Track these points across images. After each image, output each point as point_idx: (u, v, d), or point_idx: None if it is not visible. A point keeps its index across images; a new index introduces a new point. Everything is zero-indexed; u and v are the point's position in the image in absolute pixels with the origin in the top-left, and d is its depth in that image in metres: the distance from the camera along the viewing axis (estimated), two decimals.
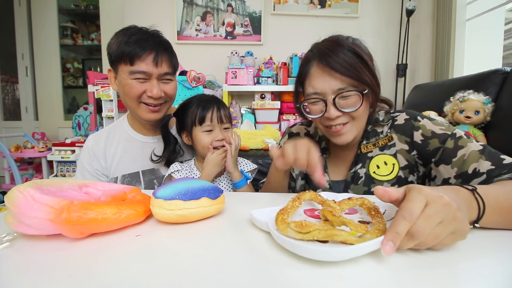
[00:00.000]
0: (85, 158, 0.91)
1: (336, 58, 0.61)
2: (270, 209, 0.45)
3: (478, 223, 0.40)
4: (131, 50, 0.77)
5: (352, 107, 0.62)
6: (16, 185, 0.39)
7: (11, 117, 3.39)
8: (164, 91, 0.83)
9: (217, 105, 0.84)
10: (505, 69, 1.41)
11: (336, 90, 0.62)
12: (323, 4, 2.52)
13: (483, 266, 0.32)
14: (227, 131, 0.86)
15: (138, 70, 0.78)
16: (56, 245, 0.38)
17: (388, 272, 0.30)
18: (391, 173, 0.68)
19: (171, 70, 0.85)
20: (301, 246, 0.32)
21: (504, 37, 1.94)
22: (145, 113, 0.84)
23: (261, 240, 0.38)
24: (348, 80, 0.61)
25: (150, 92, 0.80)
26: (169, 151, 0.88)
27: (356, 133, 0.67)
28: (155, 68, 0.80)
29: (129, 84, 0.80)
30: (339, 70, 0.60)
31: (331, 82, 0.62)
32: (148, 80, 0.81)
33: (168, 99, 0.87)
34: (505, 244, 0.37)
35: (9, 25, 3.11)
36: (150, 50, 0.78)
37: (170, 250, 0.36)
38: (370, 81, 0.62)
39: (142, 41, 0.78)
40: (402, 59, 2.46)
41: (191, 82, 1.94)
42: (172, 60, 0.85)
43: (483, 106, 1.36)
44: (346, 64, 0.60)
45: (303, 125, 0.87)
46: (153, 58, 0.79)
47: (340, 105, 0.62)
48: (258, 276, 0.30)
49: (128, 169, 0.89)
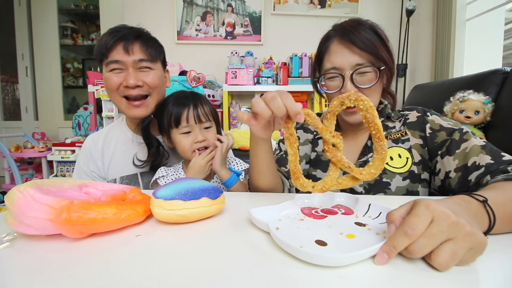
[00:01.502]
0: (82, 159, 0.91)
1: (357, 34, 0.64)
2: (269, 208, 0.45)
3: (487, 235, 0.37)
4: (104, 43, 0.78)
5: (368, 83, 0.64)
6: (16, 185, 0.39)
7: (11, 117, 3.40)
8: (143, 81, 0.80)
9: (194, 103, 0.76)
10: (505, 69, 1.40)
11: (354, 66, 0.64)
12: (323, 4, 2.52)
13: (484, 266, 0.32)
14: (209, 131, 0.79)
15: (111, 60, 0.78)
16: (56, 245, 0.38)
17: (388, 272, 0.30)
18: (404, 166, 0.68)
19: (147, 57, 0.81)
20: (301, 250, 0.32)
21: (504, 37, 1.94)
22: (128, 109, 0.82)
23: (261, 240, 0.38)
24: (367, 56, 0.64)
25: (126, 81, 0.78)
26: (151, 155, 0.83)
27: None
28: (127, 55, 0.78)
29: (107, 78, 0.80)
30: (359, 45, 0.63)
31: (350, 57, 0.64)
32: (124, 70, 0.79)
33: (150, 91, 0.82)
34: (506, 246, 0.37)
35: (9, 25, 3.11)
36: (120, 39, 0.78)
37: (170, 250, 0.36)
38: (387, 59, 0.65)
39: (114, 32, 0.79)
40: (402, 59, 2.46)
41: (191, 82, 1.94)
42: (147, 47, 0.81)
43: (483, 106, 1.36)
44: (366, 40, 0.63)
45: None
46: (123, 45, 0.78)
47: (357, 81, 0.64)
48: (258, 275, 0.30)
49: (126, 171, 0.88)
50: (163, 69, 0.88)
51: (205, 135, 0.77)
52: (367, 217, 0.44)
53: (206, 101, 0.80)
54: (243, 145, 1.88)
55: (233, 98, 2.41)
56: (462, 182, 0.59)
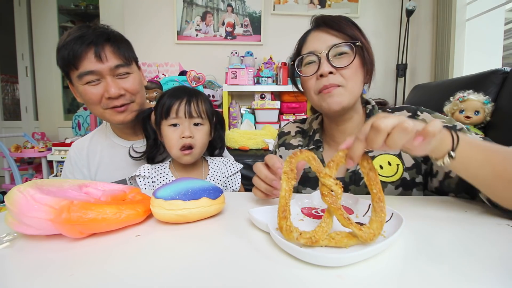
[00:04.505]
0: (68, 167, 0.87)
1: (332, 19, 0.67)
2: (268, 208, 0.45)
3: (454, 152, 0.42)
4: (70, 51, 0.69)
5: (344, 63, 0.64)
6: (16, 185, 0.39)
7: (11, 117, 3.39)
8: (124, 88, 0.75)
9: (189, 97, 0.73)
10: (505, 69, 1.41)
11: (330, 45, 0.64)
12: (323, 4, 2.53)
13: (483, 265, 0.32)
14: (199, 129, 0.74)
15: (84, 71, 0.71)
16: (56, 245, 0.38)
17: (388, 271, 0.30)
18: (395, 174, 0.65)
19: (123, 62, 0.75)
20: (301, 251, 0.32)
21: (504, 37, 1.94)
22: (113, 116, 0.77)
23: (261, 240, 0.38)
24: (343, 35, 0.64)
25: (108, 93, 0.73)
26: (149, 146, 0.79)
27: (348, 99, 0.64)
28: (100, 63, 0.71)
29: (83, 92, 0.73)
30: (334, 27, 0.65)
31: (327, 38, 0.65)
32: (101, 80, 0.73)
33: (133, 98, 0.78)
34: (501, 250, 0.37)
35: (9, 25, 3.11)
36: (88, 45, 0.70)
37: (170, 250, 0.36)
38: (362, 43, 0.65)
39: (79, 38, 0.70)
40: (402, 59, 2.46)
41: (191, 82, 1.94)
42: (120, 50, 0.74)
43: (483, 106, 1.36)
44: (341, 23, 0.65)
45: (295, 123, 0.86)
46: (94, 52, 0.70)
47: (334, 62, 0.64)
48: (258, 275, 0.30)
49: (114, 177, 0.84)
50: (138, 69, 0.83)
51: (193, 132, 0.73)
52: (367, 217, 0.44)
53: (205, 100, 0.77)
54: (243, 145, 1.88)
55: (233, 98, 2.41)
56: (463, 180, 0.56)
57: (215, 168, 0.82)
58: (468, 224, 0.44)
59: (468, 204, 0.54)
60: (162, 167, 0.79)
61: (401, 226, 0.36)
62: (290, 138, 0.83)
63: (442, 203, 0.55)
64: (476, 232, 0.41)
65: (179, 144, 0.72)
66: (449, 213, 0.49)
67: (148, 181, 0.75)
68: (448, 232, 0.41)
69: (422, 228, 0.42)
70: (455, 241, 0.38)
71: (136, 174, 0.75)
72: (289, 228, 0.35)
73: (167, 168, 0.78)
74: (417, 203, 0.54)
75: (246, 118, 2.24)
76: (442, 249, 0.35)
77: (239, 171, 0.85)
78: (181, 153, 0.73)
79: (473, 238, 0.38)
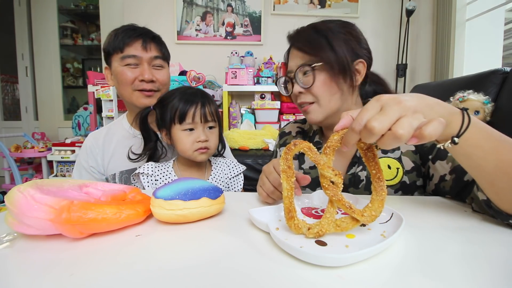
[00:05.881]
0: (83, 155, 0.93)
1: (298, 38, 0.68)
2: (269, 208, 0.45)
3: (458, 138, 0.37)
4: (121, 39, 0.83)
5: (309, 84, 0.65)
6: (16, 185, 0.39)
7: (11, 117, 3.39)
8: (156, 77, 0.86)
9: (202, 101, 0.74)
10: (505, 69, 1.40)
11: (298, 66, 0.66)
12: (323, 4, 2.53)
13: (484, 265, 0.32)
14: (212, 132, 0.77)
15: (128, 55, 0.83)
16: (56, 245, 0.38)
17: (388, 271, 0.30)
18: (394, 178, 0.64)
19: (161, 55, 0.88)
20: (301, 251, 0.32)
21: (504, 37, 1.94)
22: (139, 98, 0.87)
23: (261, 240, 0.38)
24: (307, 56, 0.65)
25: (142, 76, 0.84)
26: (148, 149, 0.81)
27: (323, 114, 0.67)
28: (144, 52, 0.85)
29: (121, 72, 0.84)
30: (297, 47, 0.67)
31: (296, 60, 0.68)
32: (139, 66, 0.85)
33: (160, 87, 0.89)
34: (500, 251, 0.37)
35: (9, 25, 3.10)
36: (138, 36, 0.84)
37: (170, 250, 0.36)
38: (327, 57, 0.63)
39: (130, 30, 0.85)
40: (402, 59, 2.46)
41: (191, 82, 1.94)
42: (161, 48, 0.89)
43: (483, 106, 1.36)
44: (305, 42, 0.66)
45: (296, 123, 0.86)
46: (142, 43, 0.84)
47: (301, 82, 0.67)
48: (258, 275, 0.30)
49: (126, 166, 0.89)
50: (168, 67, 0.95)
51: (208, 135, 0.75)
52: None
53: (212, 101, 0.78)
54: (243, 145, 1.88)
55: (233, 98, 2.41)
56: (457, 183, 0.56)
57: (218, 169, 0.82)
58: (468, 223, 0.44)
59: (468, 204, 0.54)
60: (166, 165, 0.79)
61: (401, 226, 0.36)
62: (291, 138, 0.83)
63: (442, 203, 0.55)
64: (476, 231, 0.41)
65: (194, 148, 0.73)
66: (448, 212, 0.49)
67: (151, 179, 0.75)
68: (448, 231, 0.41)
69: (422, 228, 0.42)
70: (455, 240, 0.38)
71: (140, 171, 0.76)
72: (297, 226, 0.36)
73: (170, 167, 0.79)
74: (417, 203, 0.54)
75: (246, 118, 2.24)
76: (442, 249, 0.35)
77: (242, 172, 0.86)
78: (197, 152, 0.74)
79: (473, 238, 0.38)
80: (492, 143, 0.38)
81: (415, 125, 0.32)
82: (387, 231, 0.37)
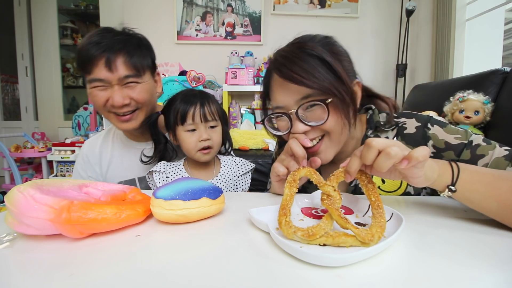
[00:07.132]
0: (80, 164, 0.91)
1: (291, 67, 0.53)
2: (268, 208, 0.45)
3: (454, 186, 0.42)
4: (84, 56, 0.72)
5: (319, 119, 0.54)
6: (16, 185, 0.39)
7: (11, 117, 3.39)
8: (130, 97, 0.75)
9: (201, 101, 0.75)
10: (505, 69, 1.41)
11: (298, 101, 0.55)
12: (323, 4, 2.52)
13: (484, 264, 0.32)
14: (214, 130, 0.78)
15: (94, 78, 0.73)
16: (56, 245, 0.37)
17: (388, 271, 0.30)
18: (398, 189, 0.61)
19: (133, 72, 0.74)
20: (301, 251, 0.32)
21: (504, 37, 1.95)
22: (117, 123, 0.80)
23: (261, 240, 0.38)
24: (308, 89, 0.53)
25: (112, 100, 0.74)
26: (159, 151, 0.82)
27: (337, 148, 0.59)
28: (109, 73, 0.72)
29: (91, 94, 0.76)
30: (294, 81, 0.53)
31: (291, 93, 0.55)
32: (108, 87, 0.74)
33: (139, 106, 0.78)
34: (500, 251, 0.37)
35: (9, 25, 3.10)
36: (101, 53, 0.71)
37: (170, 250, 0.36)
38: (335, 88, 0.53)
39: (96, 44, 0.71)
40: (401, 59, 2.46)
41: (191, 82, 1.94)
42: (131, 60, 0.74)
43: (483, 106, 1.36)
44: (302, 72, 0.52)
45: None
46: (105, 62, 0.71)
47: (306, 118, 0.55)
48: (258, 275, 0.30)
49: (124, 176, 0.88)
50: (152, 77, 0.83)
51: (210, 134, 0.76)
52: (367, 217, 0.44)
53: (214, 101, 0.79)
54: (243, 145, 1.88)
55: (233, 98, 2.41)
56: None
57: (227, 167, 0.84)
58: (468, 223, 0.44)
59: None
60: (178, 164, 0.82)
61: (401, 226, 0.36)
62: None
63: (442, 203, 0.54)
64: (476, 231, 0.41)
65: (197, 147, 0.76)
66: (449, 212, 0.49)
67: (162, 176, 0.78)
68: (448, 231, 0.41)
69: (422, 228, 0.42)
70: (455, 240, 0.38)
71: (153, 169, 0.79)
72: (288, 224, 0.36)
73: (181, 165, 0.82)
74: (417, 203, 0.54)
75: (246, 118, 2.24)
76: (442, 249, 0.35)
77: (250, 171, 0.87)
78: (200, 153, 0.76)
79: (473, 237, 0.39)
80: (485, 186, 0.42)
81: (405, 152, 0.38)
82: (387, 231, 0.37)
